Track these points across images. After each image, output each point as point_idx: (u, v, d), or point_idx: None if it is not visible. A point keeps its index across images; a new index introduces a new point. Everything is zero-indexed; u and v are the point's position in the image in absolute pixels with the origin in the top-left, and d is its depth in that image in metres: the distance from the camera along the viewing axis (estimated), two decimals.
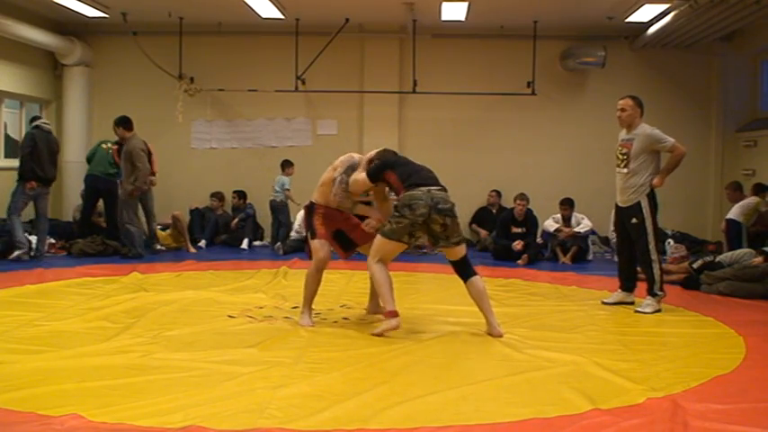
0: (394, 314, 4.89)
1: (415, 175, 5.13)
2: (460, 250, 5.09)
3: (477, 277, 5.10)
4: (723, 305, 6.44)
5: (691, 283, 7.36)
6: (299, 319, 5.34)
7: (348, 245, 5.50)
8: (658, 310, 5.92)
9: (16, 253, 8.42)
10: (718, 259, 7.59)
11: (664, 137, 5.96)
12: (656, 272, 5.95)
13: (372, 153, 5.41)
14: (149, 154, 9.28)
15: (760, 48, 10.69)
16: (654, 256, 5.95)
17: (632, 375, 4.01)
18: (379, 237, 5.01)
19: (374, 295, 5.59)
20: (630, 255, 6.21)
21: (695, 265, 7.63)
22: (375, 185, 5.29)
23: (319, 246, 5.31)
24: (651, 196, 5.98)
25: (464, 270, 5.12)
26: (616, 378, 3.96)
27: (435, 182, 5.19)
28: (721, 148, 11.36)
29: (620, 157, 6.07)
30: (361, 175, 5.26)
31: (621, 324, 5.58)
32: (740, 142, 11.05)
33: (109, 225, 9.57)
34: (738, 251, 7.81)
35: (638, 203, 5.95)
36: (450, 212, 5.03)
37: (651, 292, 5.97)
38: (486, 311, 5.06)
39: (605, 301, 6.27)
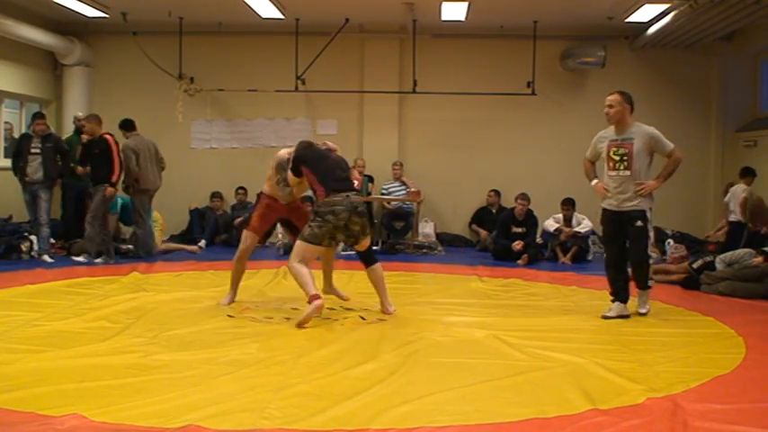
0: (316, 297, 5.24)
1: (333, 180, 5.49)
2: (368, 241, 5.71)
3: (378, 264, 5.80)
4: (723, 305, 6.44)
5: (691, 283, 7.37)
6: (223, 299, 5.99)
7: (296, 232, 5.87)
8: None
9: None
10: (718, 259, 7.59)
11: (665, 140, 5.68)
12: (650, 269, 5.85)
13: (292, 149, 5.81)
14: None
15: (760, 48, 10.69)
16: (650, 257, 5.84)
17: (632, 375, 4.01)
18: (301, 243, 5.41)
19: (327, 276, 6.17)
20: (623, 266, 5.83)
21: (695, 265, 7.63)
22: (302, 178, 5.71)
23: (245, 236, 5.99)
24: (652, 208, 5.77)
25: (369, 258, 5.78)
26: (616, 378, 3.96)
27: (350, 185, 5.60)
28: (721, 148, 11.36)
29: (617, 158, 5.64)
30: (291, 174, 5.75)
31: (621, 324, 5.57)
32: (740, 142, 11.05)
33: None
34: (738, 251, 7.80)
35: (644, 210, 5.63)
36: (365, 213, 5.64)
37: (645, 286, 5.80)
38: (381, 293, 5.79)
39: (606, 314, 5.76)
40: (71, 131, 10.06)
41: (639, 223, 5.63)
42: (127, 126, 9.22)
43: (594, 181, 5.86)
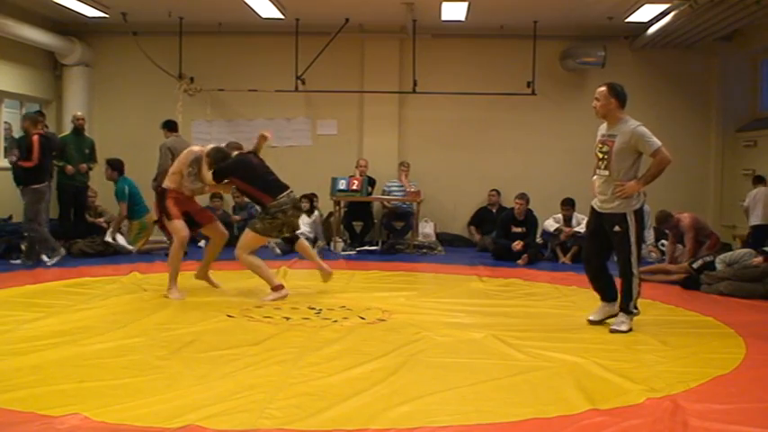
0: (281, 287, 6.20)
1: (273, 187, 6.32)
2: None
3: (301, 238, 6.89)
4: (723, 305, 6.44)
5: (691, 283, 7.37)
6: (168, 294, 6.19)
7: (193, 225, 6.60)
8: (630, 329, 5.24)
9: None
10: (717, 259, 7.58)
11: (650, 137, 5.13)
12: (635, 287, 5.25)
13: (208, 149, 6.41)
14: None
15: (760, 48, 10.69)
16: (635, 270, 5.23)
17: (632, 375, 4.02)
18: (251, 234, 6.26)
19: (207, 264, 6.72)
20: (601, 263, 5.45)
21: (695, 265, 7.63)
22: (222, 183, 6.42)
23: (181, 226, 6.36)
24: (639, 211, 5.27)
25: (293, 236, 6.77)
26: (616, 378, 3.97)
27: (285, 184, 6.43)
28: (721, 148, 11.36)
29: (600, 155, 5.30)
30: (208, 174, 6.34)
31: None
32: (740, 142, 11.05)
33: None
34: (738, 251, 7.81)
35: (625, 214, 5.21)
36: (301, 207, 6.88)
37: (626, 310, 5.27)
38: (312, 257, 6.74)
39: (590, 318, 5.48)
40: (69, 131, 10.07)
41: (617, 228, 5.21)
42: (169, 126, 9.31)
43: (594, 177, 5.50)
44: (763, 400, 3.71)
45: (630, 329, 5.23)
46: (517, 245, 9.36)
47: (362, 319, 5.55)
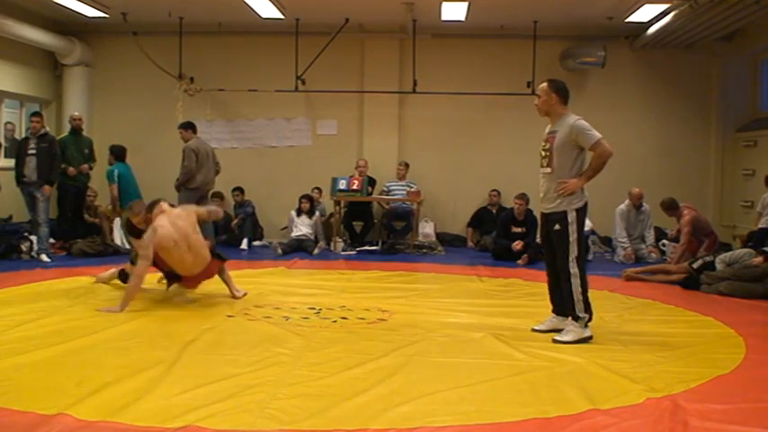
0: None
1: None
2: None
3: None
4: (723, 305, 6.44)
5: (691, 283, 7.36)
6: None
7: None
8: (587, 338, 4.89)
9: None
10: (717, 259, 7.58)
11: (590, 130, 4.93)
12: (576, 288, 4.93)
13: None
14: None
15: (760, 48, 10.68)
16: (574, 269, 4.92)
17: (632, 375, 4.02)
18: None
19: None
20: (559, 275, 5.13)
21: (695, 265, 7.63)
22: None
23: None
24: (581, 209, 5.00)
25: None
26: (616, 378, 3.97)
27: None
28: (721, 148, 11.35)
29: (543, 153, 5.10)
30: None
31: (621, 324, 5.58)
32: (740, 142, 11.05)
33: None
34: (738, 251, 7.80)
35: (565, 212, 4.96)
36: None
37: (573, 315, 4.94)
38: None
39: (535, 328, 5.21)
40: (67, 132, 10.08)
41: (557, 227, 4.97)
42: (191, 127, 9.33)
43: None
44: (762, 400, 3.71)
45: (587, 338, 4.88)
46: (517, 245, 9.35)
47: (362, 319, 5.55)
